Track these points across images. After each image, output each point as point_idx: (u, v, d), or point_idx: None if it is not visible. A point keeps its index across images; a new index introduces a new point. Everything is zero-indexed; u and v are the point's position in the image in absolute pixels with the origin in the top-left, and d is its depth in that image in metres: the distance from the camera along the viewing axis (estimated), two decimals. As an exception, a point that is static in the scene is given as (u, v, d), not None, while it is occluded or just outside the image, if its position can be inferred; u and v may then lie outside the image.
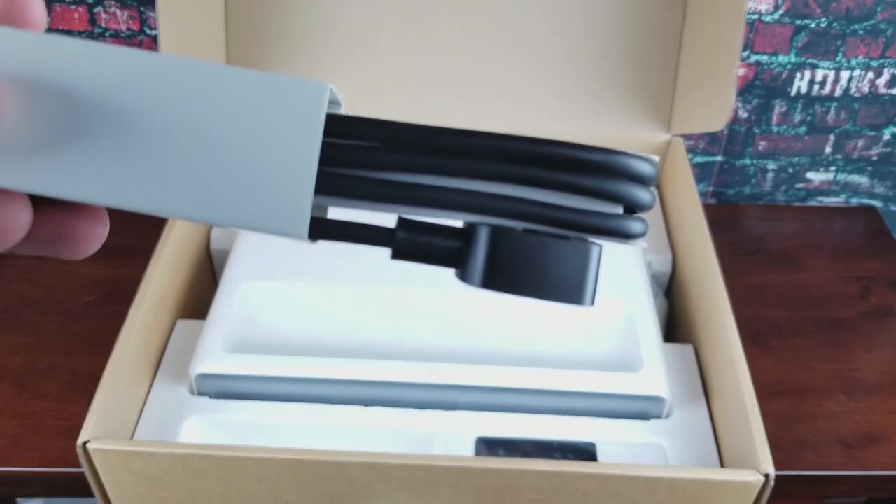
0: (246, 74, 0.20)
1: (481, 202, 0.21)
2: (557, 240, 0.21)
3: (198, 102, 0.20)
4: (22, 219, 0.20)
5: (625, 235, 0.21)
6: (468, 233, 0.21)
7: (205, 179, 0.20)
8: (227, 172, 0.20)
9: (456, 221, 0.22)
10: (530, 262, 0.21)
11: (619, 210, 0.22)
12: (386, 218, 0.22)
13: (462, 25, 0.74)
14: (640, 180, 0.21)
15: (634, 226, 0.21)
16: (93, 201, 0.20)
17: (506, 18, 0.73)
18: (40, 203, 0.21)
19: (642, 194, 0.21)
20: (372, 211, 0.22)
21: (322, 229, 0.21)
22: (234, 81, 0.20)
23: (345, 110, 0.22)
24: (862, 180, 0.93)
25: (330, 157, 0.21)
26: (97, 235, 0.22)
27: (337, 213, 0.22)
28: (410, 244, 0.22)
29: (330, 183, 0.21)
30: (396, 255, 0.22)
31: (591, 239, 0.22)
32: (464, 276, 0.21)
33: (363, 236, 0.22)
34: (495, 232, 0.21)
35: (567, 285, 0.21)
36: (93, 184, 0.20)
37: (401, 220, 0.22)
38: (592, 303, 0.22)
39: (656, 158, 0.22)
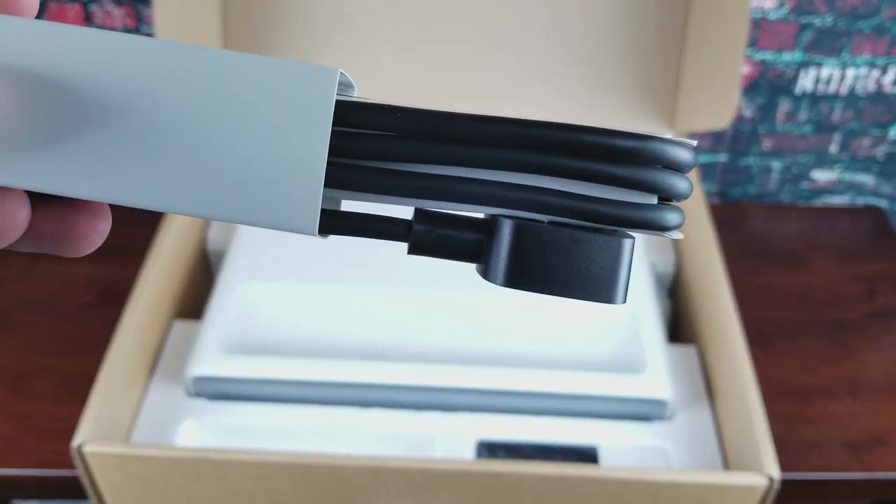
0: (250, 60, 0.19)
1: (503, 194, 0.19)
2: (587, 233, 0.19)
3: (199, 90, 0.19)
4: (20, 216, 0.19)
5: (661, 228, 0.20)
6: (491, 225, 0.20)
7: (208, 172, 0.19)
8: (232, 165, 0.19)
9: (478, 213, 0.21)
10: (558, 258, 0.19)
11: (654, 199, 0.20)
12: (403, 210, 0.20)
13: (462, 25, 0.73)
14: (677, 167, 0.20)
15: (671, 217, 0.20)
16: (93, 198, 0.19)
17: (507, 16, 0.73)
18: (39, 199, 0.20)
19: (680, 183, 0.20)
20: (387, 204, 0.20)
21: (334, 223, 0.20)
22: (238, 67, 0.19)
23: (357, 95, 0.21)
24: (868, 179, 0.93)
25: (341, 147, 0.19)
26: (98, 231, 0.21)
27: (351, 204, 0.21)
28: (429, 238, 0.20)
29: (341, 175, 0.19)
30: (414, 250, 0.20)
31: (624, 231, 0.20)
32: (486, 272, 0.20)
33: (378, 230, 0.20)
34: (519, 225, 0.19)
35: (598, 282, 0.20)
36: (92, 180, 0.19)
37: (418, 212, 0.20)
38: (624, 300, 0.20)
39: (693, 143, 0.20)
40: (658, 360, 0.58)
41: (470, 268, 0.21)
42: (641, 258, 0.66)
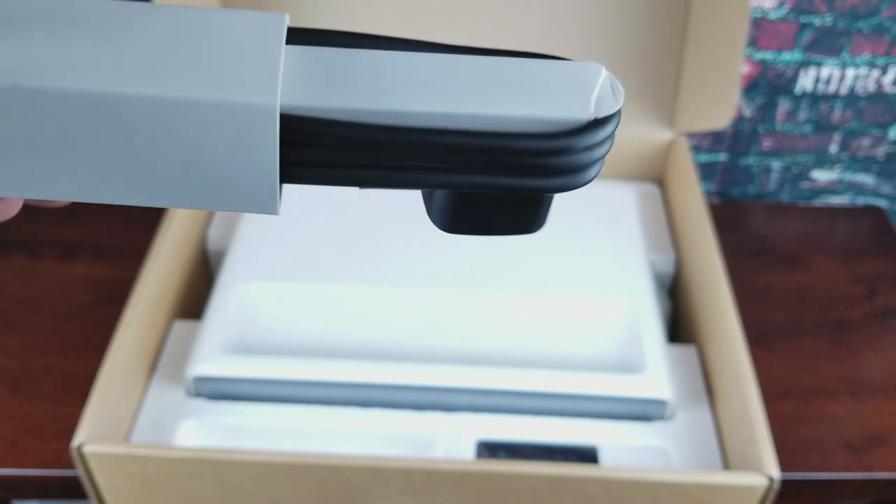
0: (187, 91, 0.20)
1: (433, 180, 0.22)
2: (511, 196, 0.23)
3: (158, 129, 0.20)
4: None
5: (581, 186, 0.23)
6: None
7: (174, 173, 0.20)
8: (198, 170, 0.20)
9: None
10: (487, 211, 0.23)
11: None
12: None
13: (462, 25, 0.73)
14: (593, 147, 0.22)
15: (588, 174, 0.22)
16: (61, 198, 0.20)
17: (507, 17, 0.73)
18: None
19: (594, 156, 0.22)
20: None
21: (294, 175, 0.22)
22: (180, 105, 0.20)
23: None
24: (867, 179, 0.93)
25: (289, 158, 0.21)
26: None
27: None
28: None
29: (294, 175, 0.22)
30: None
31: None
32: (432, 218, 0.24)
33: (335, 178, 0.23)
34: (452, 192, 0.23)
35: (526, 223, 0.24)
36: (58, 181, 0.20)
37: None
38: (543, 225, 0.24)
39: (619, 103, 0.23)
40: (658, 360, 0.58)
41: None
42: (641, 258, 0.66)
